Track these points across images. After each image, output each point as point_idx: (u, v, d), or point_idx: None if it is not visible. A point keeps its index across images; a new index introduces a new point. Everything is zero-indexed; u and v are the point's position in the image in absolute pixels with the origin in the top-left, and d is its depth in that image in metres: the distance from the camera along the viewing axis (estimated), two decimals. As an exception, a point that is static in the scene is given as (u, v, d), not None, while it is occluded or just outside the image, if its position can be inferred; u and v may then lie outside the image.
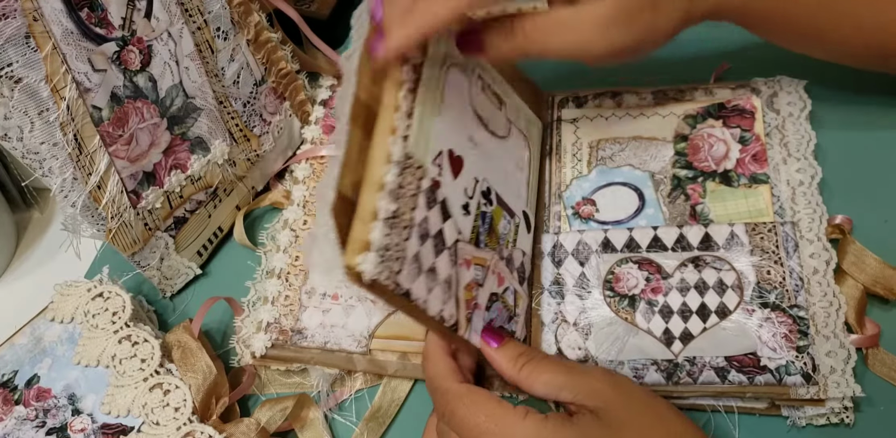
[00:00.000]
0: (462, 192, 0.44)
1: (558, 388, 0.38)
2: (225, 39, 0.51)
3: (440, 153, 0.42)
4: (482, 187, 0.45)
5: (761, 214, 0.49)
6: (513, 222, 0.48)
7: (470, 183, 0.45)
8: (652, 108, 0.54)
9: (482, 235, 0.44)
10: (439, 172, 0.42)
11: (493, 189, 0.46)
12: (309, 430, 0.47)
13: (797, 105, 0.52)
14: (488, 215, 0.45)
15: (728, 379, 0.43)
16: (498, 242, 0.46)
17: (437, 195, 0.42)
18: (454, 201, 0.42)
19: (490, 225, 0.45)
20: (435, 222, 0.41)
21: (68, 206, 0.45)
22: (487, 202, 0.46)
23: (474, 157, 0.45)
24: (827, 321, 0.44)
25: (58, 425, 0.46)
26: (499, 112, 0.49)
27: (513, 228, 0.47)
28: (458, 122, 0.45)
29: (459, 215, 0.43)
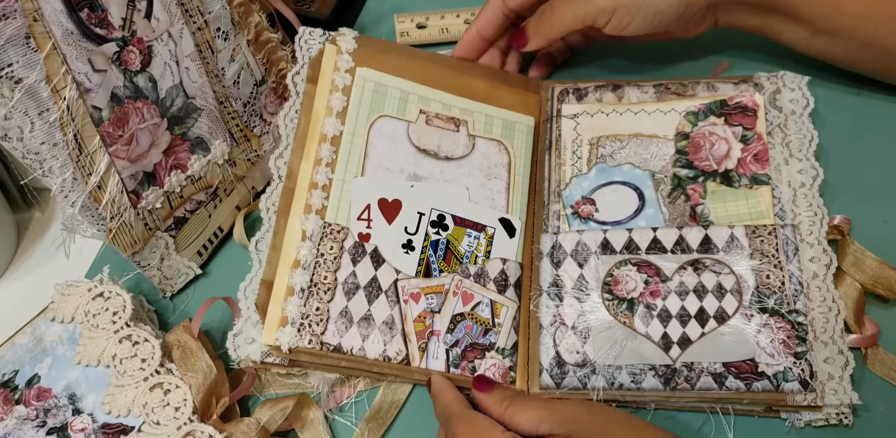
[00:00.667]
0: (402, 231, 0.49)
1: (537, 423, 0.41)
2: (225, 40, 0.50)
3: (367, 207, 0.49)
4: (431, 217, 0.50)
5: (762, 216, 0.48)
6: (482, 235, 0.51)
7: (412, 219, 0.50)
8: (653, 103, 0.54)
9: (434, 263, 0.49)
10: (368, 224, 0.49)
11: (447, 214, 0.51)
12: (309, 430, 0.47)
13: (800, 102, 0.52)
14: (441, 241, 0.50)
15: (726, 385, 0.43)
16: (460, 262, 0.49)
17: (367, 247, 0.49)
18: (391, 245, 0.49)
19: (446, 250, 0.49)
20: (365, 273, 0.48)
21: (68, 206, 0.45)
22: (441, 229, 0.50)
23: (420, 191, 0.51)
24: (826, 326, 0.44)
25: (58, 424, 0.46)
26: (455, 134, 0.53)
27: (483, 241, 0.50)
28: (389, 169, 0.51)
29: (399, 256, 0.48)
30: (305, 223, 0.48)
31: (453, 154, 0.53)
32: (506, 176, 0.53)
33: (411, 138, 0.52)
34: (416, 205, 0.50)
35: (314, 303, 0.46)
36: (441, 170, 0.52)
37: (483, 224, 0.51)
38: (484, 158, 0.53)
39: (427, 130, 0.53)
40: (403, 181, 0.51)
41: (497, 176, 0.53)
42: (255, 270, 0.48)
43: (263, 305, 0.46)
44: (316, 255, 0.47)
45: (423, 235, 0.49)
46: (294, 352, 0.45)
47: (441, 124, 0.53)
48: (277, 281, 0.47)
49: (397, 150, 0.51)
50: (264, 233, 0.49)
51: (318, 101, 0.51)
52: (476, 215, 0.51)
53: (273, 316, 0.46)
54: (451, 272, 0.49)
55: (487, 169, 0.53)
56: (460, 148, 0.53)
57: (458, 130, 0.53)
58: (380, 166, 0.51)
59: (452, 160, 0.52)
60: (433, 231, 0.50)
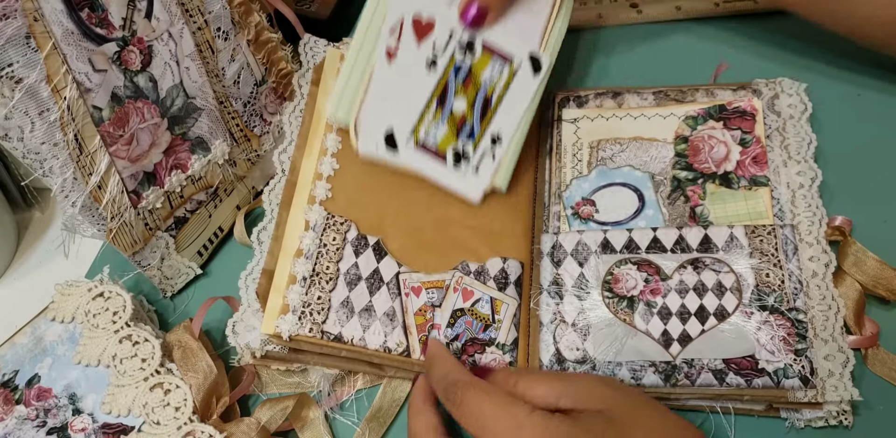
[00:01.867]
0: (429, 48, 0.49)
1: (556, 396, 0.38)
2: (225, 40, 0.51)
3: (400, 21, 0.49)
4: (460, 39, 0.49)
5: (761, 216, 0.49)
6: (506, 68, 0.49)
7: (442, 36, 0.49)
8: (653, 108, 0.54)
9: (452, 86, 0.49)
10: (397, 40, 0.49)
11: (478, 39, 0.49)
12: (309, 430, 0.47)
13: (798, 107, 0.52)
14: (464, 67, 0.49)
15: (726, 382, 0.43)
16: (477, 90, 0.49)
17: (369, 240, 0.48)
18: (414, 64, 0.49)
19: (467, 75, 0.49)
20: (367, 264, 0.48)
21: (69, 206, 0.45)
22: (467, 52, 0.49)
23: (455, 12, 0.49)
24: (826, 324, 0.44)
25: (58, 424, 0.46)
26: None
27: (505, 74, 0.50)
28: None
29: (420, 75, 0.49)
30: (309, 214, 0.48)
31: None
32: (546, 14, 0.51)
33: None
34: (449, 23, 0.49)
35: (316, 292, 0.46)
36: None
37: (511, 57, 0.50)
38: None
39: None
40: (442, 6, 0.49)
41: (539, 13, 0.51)
42: (257, 259, 0.49)
43: (264, 294, 0.46)
44: (319, 245, 0.47)
45: (448, 55, 0.49)
46: (294, 340, 0.45)
47: None
48: (279, 270, 0.47)
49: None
50: (266, 224, 0.50)
51: (320, 100, 0.52)
52: (506, 44, 0.50)
53: (274, 304, 0.46)
54: (465, 98, 0.49)
55: (530, 3, 0.50)
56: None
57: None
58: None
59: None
60: (460, 54, 0.49)
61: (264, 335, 0.46)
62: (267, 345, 0.46)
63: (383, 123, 0.49)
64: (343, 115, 0.49)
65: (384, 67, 0.49)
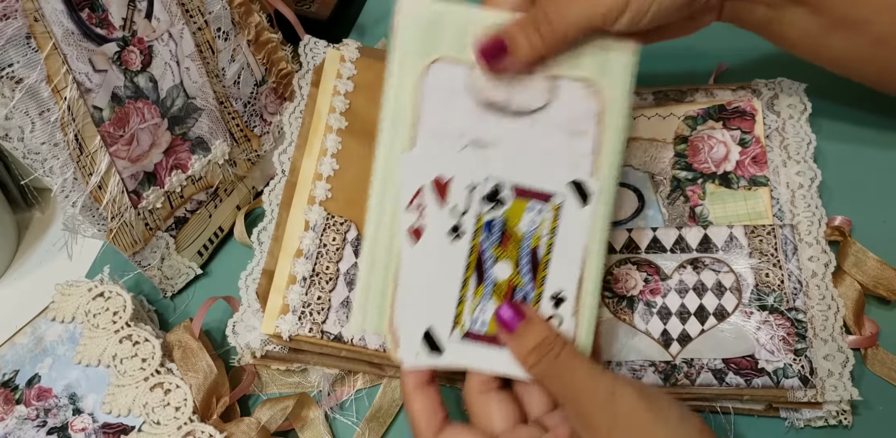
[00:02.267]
0: (448, 213, 0.40)
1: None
2: (225, 40, 0.51)
3: (419, 191, 0.39)
4: (485, 190, 0.40)
5: (760, 216, 0.49)
6: (547, 208, 0.40)
7: (461, 194, 0.40)
8: (652, 109, 0.54)
9: (488, 250, 0.40)
10: (420, 214, 0.39)
11: (506, 183, 0.40)
12: (309, 430, 0.47)
13: (797, 107, 0.52)
14: (497, 221, 0.40)
15: (725, 382, 0.43)
16: (519, 245, 0.40)
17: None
18: (436, 234, 0.40)
19: (502, 232, 0.40)
20: None
21: (69, 206, 0.45)
22: (496, 204, 0.40)
23: (479, 158, 0.40)
24: (825, 324, 0.44)
25: (59, 424, 0.46)
26: (528, 77, 0.40)
27: (548, 216, 0.40)
28: (445, 134, 0.40)
29: (444, 246, 0.39)
30: (308, 214, 0.48)
31: (527, 106, 0.40)
32: (594, 132, 0.40)
33: (473, 89, 0.40)
34: (467, 175, 0.40)
35: (316, 292, 0.46)
36: (510, 130, 0.40)
37: (549, 193, 0.40)
38: (566, 109, 0.40)
39: (493, 76, 0.40)
40: (463, 150, 0.40)
41: (583, 133, 0.40)
42: (257, 259, 0.49)
43: (264, 294, 0.47)
44: (318, 245, 0.47)
45: (474, 215, 0.39)
46: (294, 340, 0.45)
47: None
48: (279, 270, 0.47)
49: (454, 107, 0.40)
50: (266, 224, 0.50)
51: (321, 101, 0.52)
52: (540, 182, 0.40)
53: (274, 304, 0.46)
54: (508, 261, 0.40)
55: (570, 123, 0.40)
56: (536, 96, 0.40)
57: (531, 70, 0.40)
58: (434, 132, 0.40)
59: (525, 115, 0.40)
60: (487, 208, 0.39)
61: (264, 335, 0.46)
62: (267, 345, 0.47)
63: (420, 323, 0.39)
64: (373, 325, 0.40)
65: (410, 251, 0.39)
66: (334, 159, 0.50)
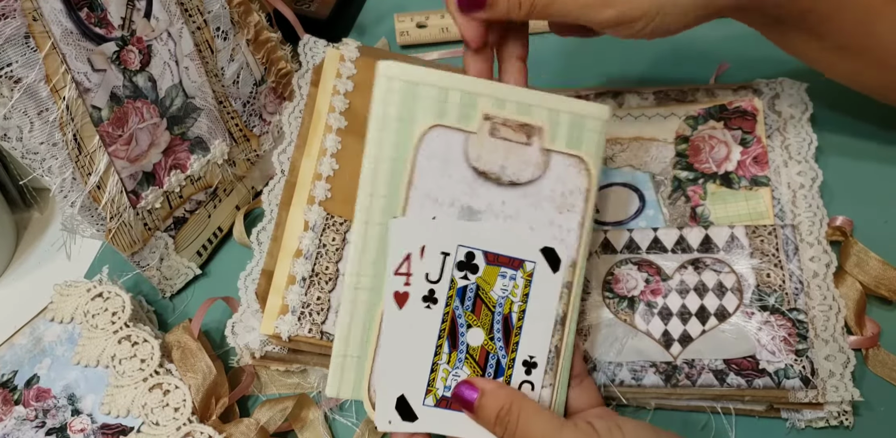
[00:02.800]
0: (423, 280, 0.40)
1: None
2: (225, 39, 0.50)
3: (407, 258, 0.39)
4: (458, 257, 0.40)
5: (762, 216, 0.48)
6: (519, 274, 0.40)
7: (434, 262, 0.40)
8: (653, 108, 0.54)
9: (461, 318, 0.40)
10: (406, 280, 0.39)
11: (477, 250, 0.40)
12: (309, 430, 0.47)
13: (799, 107, 0.52)
14: (470, 287, 0.40)
15: (727, 382, 0.43)
16: (492, 311, 0.40)
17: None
18: (414, 305, 0.40)
19: (475, 299, 0.40)
20: None
21: (68, 206, 0.45)
22: (469, 271, 0.40)
23: (458, 226, 0.40)
24: (826, 324, 0.44)
25: (57, 425, 0.46)
26: (524, 149, 0.41)
27: (520, 282, 0.41)
28: (437, 201, 0.40)
29: (418, 313, 0.39)
30: (308, 214, 0.48)
31: (520, 178, 0.41)
32: (581, 207, 0.41)
33: (469, 157, 0.40)
34: (440, 242, 0.40)
35: (315, 292, 0.46)
36: (502, 201, 0.41)
37: (521, 259, 0.40)
38: (558, 183, 0.41)
39: (491, 145, 0.40)
40: (453, 219, 0.40)
41: (571, 208, 0.41)
42: (256, 260, 0.49)
43: (263, 294, 0.46)
44: (318, 245, 0.47)
45: (447, 281, 0.40)
46: (294, 341, 0.45)
47: (510, 135, 0.40)
48: (278, 271, 0.47)
49: (450, 174, 0.40)
50: (266, 224, 0.50)
51: (320, 101, 0.52)
52: (513, 249, 0.40)
53: (273, 305, 0.46)
54: (481, 327, 0.40)
55: (561, 198, 0.41)
56: (530, 169, 0.41)
57: (529, 142, 0.40)
58: (427, 197, 0.40)
59: (518, 187, 0.41)
60: (460, 275, 0.40)
61: (263, 336, 0.46)
62: (266, 346, 0.46)
63: (394, 390, 0.39)
64: (349, 390, 0.39)
65: (394, 315, 0.39)
66: (334, 159, 0.50)
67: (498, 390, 0.39)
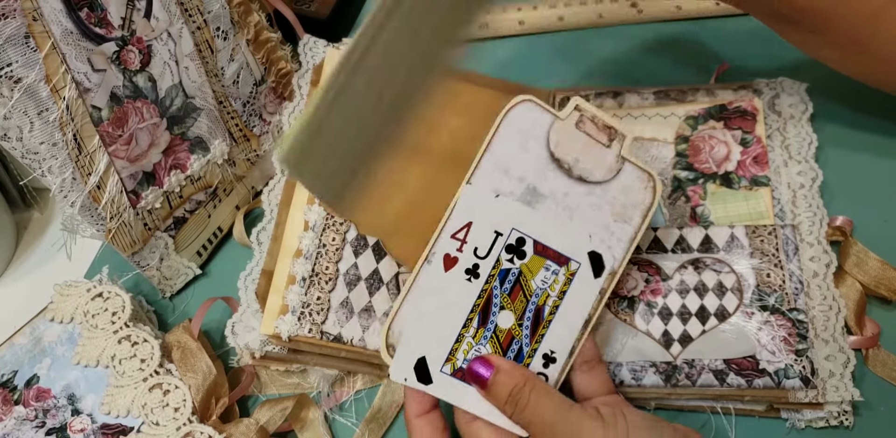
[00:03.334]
0: (470, 253, 0.41)
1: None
2: (225, 39, 0.50)
3: (467, 226, 0.41)
4: (509, 240, 0.41)
5: (762, 216, 0.48)
6: (562, 271, 0.42)
7: (486, 239, 0.41)
8: (653, 108, 0.54)
9: (497, 297, 0.41)
10: (460, 246, 0.40)
11: (529, 238, 0.41)
12: (309, 431, 0.47)
13: (799, 107, 0.52)
14: (513, 271, 0.41)
15: (727, 382, 0.43)
16: (527, 299, 0.41)
17: (369, 240, 0.46)
18: (455, 275, 0.40)
19: (515, 283, 0.41)
20: (366, 265, 0.46)
21: (68, 206, 0.45)
22: (516, 256, 0.41)
23: (520, 208, 0.41)
24: (826, 324, 0.44)
25: (57, 425, 0.46)
26: (603, 150, 0.42)
27: (561, 278, 0.42)
28: (507, 173, 0.41)
29: (458, 283, 0.40)
30: (308, 214, 0.48)
31: (590, 176, 0.42)
32: (638, 222, 0.42)
33: (550, 140, 0.41)
34: (496, 221, 0.41)
35: (315, 292, 0.46)
36: (566, 192, 0.42)
37: (568, 257, 0.42)
38: (623, 193, 0.42)
39: (572, 135, 0.41)
40: (516, 199, 0.41)
41: (628, 220, 0.42)
42: (256, 260, 0.49)
43: (263, 294, 0.46)
44: (318, 245, 0.47)
45: (493, 260, 0.41)
46: (294, 341, 0.45)
47: (592, 132, 0.41)
48: (278, 271, 0.47)
49: (527, 151, 0.41)
50: (266, 224, 0.50)
51: None
52: (563, 245, 0.42)
53: (273, 305, 0.46)
54: (513, 312, 0.41)
55: (621, 207, 0.42)
56: (602, 170, 0.42)
57: (609, 145, 0.42)
58: (498, 167, 0.41)
59: (585, 183, 0.42)
60: (507, 258, 0.41)
61: (263, 336, 0.46)
62: (266, 346, 0.46)
63: (417, 349, 0.40)
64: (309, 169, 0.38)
65: (437, 275, 0.40)
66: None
67: (513, 369, 0.40)
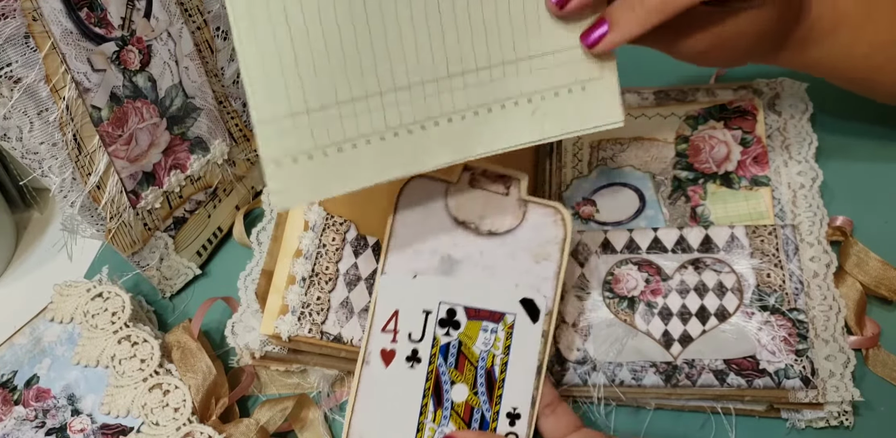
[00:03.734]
0: (405, 340, 0.40)
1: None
2: (225, 39, 0.50)
3: (394, 314, 0.40)
4: (440, 314, 0.41)
5: (762, 216, 0.48)
6: (500, 327, 0.41)
7: (416, 321, 0.40)
8: (653, 108, 0.54)
9: (445, 375, 0.40)
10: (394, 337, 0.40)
11: (458, 306, 0.41)
12: (309, 431, 0.47)
13: (799, 107, 0.52)
14: (452, 343, 0.40)
15: (727, 382, 0.43)
16: (475, 366, 0.41)
17: (369, 240, 0.46)
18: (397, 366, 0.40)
19: (458, 355, 0.41)
20: (366, 265, 0.46)
21: (68, 206, 0.45)
22: (451, 327, 0.41)
23: (438, 283, 0.41)
24: (826, 324, 0.44)
25: (57, 425, 0.46)
26: (502, 199, 0.42)
27: (501, 334, 0.41)
28: (418, 251, 0.41)
29: (402, 372, 0.40)
30: (308, 214, 0.47)
31: (499, 228, 0.41)
32: (557, 257, 0.42)
33: (449, 207, 0.41)
34: (422, 300, 0.41)
35: (315, 292, 0.46)
36: (481, 251, 0.41)
37: (501, 312, 0.41)
38: (535, 233, 0.42)
39: (470, 195, 0.41)
40: (434, 273, 0.41)
41: (547, 257, 0.42)
42: (256, 260, 0.49)
43: (263, 294, 0.46)
44: (318, 245, 0.47)
45: (430, 339, 0.40)
46: (294, 341, 0.45)
47: (488, 185, 0.41)
48: (278, 271, 0.46)
49: (430, 223, 0.41)
50: (266, 224, 0.50)
51: None
52: (493, 302, 0.41)
53: (273, 305, 0.45)
54: (465, 383, 0.40)
55: (538, 247, 0.42)
56: (508, 219, 0.42)
57: (507, 192, 0.42)
58: (407, 247, 0.41)
59: (496, 236, 0.41)
60: (442, 332, 0.40)
61: (263, 336, 0.46)
62: (266, 346, 0.46)
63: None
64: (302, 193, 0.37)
65: (380, 373, 0.40)
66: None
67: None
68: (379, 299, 0.40)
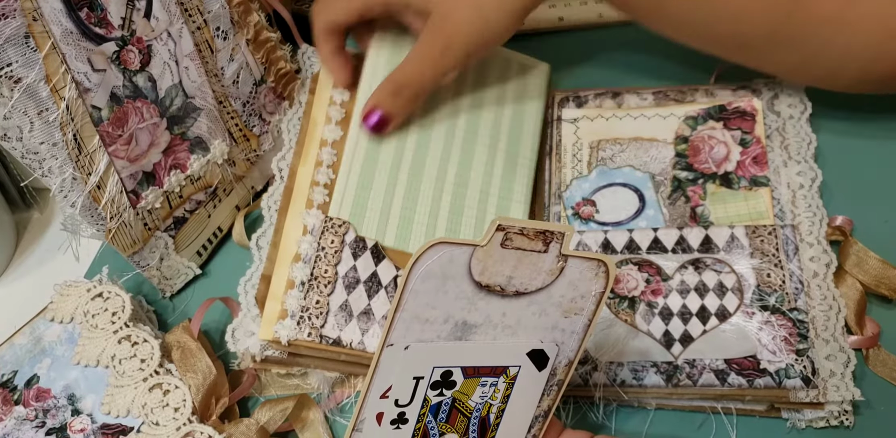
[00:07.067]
0: (391, 405, 0.37)
1: None
2: (224, 39, 0.50)
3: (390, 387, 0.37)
4: (434, 378, 0.37)
5: (761, 216, 0.48)
6: (500, 380, 0.37)
7: (405, 388, 0.37)
8: (652, 109, 0.54)
9: (434, 430, 0.38)
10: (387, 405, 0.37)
11: (456, 368, 0.37)
12: (309, 431, 0.47)
13: (798, 107, 0.52)
14: (445, 402, 0.37)
15: (727, 382, 0.43)
16: (468, 418, 0.38)
17: (367, 243, 0.46)
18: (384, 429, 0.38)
19: (450, 411, 0.38)
20: (365, 267, 0.46)
21: (68, 206, 0.45)
22: (445, 388, 0.37)
23: (449, 347, 0.36)
24: (827, 324, 0.44)
25: (57, 425, 0.46)
26: (539, 257, 0.35)
27: (501, 386, 0.38)
28: (427, 321, 0.35)
29: (386, 433, 0.38)
30: (307, 218, 0.47)
31: (528, 287, 0.35)
32: (590, 310, 0.37)
33: (472, 272, 0.35)
34: (413, 369, 0.37)
35: (314, 296, 0.45)
36: (503, 312, 0.36)
37: (504, 366, 0.37)
38: (570, 288, 0.36)
39: (500, 256, 0.34)
40: (444, 338, 0.36)
41: (579, 311, 0.36)
42: (256, 265, 0.49)
43: (263, 299, 0.46)
44: (317, 249, 0.46)
45: (419, 402, 0.37)
46: (293, 345, 0.45)
47: (524, 244, 0.34)
48: (276, 276, 0.46)
49: (447, 293, 0.35)
50: (265, 229, 0.49)
51: (316, 110, 0.52)
52: (498, 359, 0.37)
53: (272, 310, 0.45)
54: (455, 433, 0.39)
55: (570, 302, 0.36)
56: (541, 277, 0.35)
57: (546, 249, 0.35)
58: (416, 320, 0.35)
59: (524, 296, 0.36)
60: (434, 394, 0.37)
61: (263, 341, 0.46)
62: (266, 350, 0.46)
63: None
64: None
65: (372, 433, 0.38)
66: (330, 169, 0.50)
67: None
68: (378, 368, 0.36)
